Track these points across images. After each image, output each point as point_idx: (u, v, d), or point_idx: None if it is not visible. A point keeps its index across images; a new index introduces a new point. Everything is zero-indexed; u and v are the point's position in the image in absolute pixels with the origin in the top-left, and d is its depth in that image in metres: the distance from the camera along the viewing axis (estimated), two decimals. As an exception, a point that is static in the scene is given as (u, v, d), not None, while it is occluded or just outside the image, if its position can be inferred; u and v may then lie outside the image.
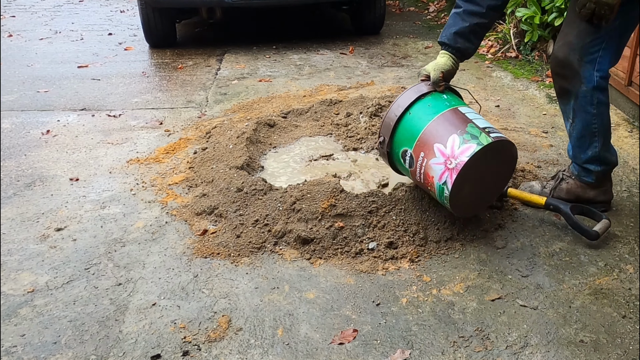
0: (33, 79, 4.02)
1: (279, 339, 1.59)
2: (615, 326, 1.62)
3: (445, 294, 1.76)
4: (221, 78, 4.01)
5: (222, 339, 1.59)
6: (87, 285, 1.81)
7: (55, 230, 2.11)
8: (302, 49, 4.79)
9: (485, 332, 1.60)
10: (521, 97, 3.51)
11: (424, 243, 1.96)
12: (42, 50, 4.87)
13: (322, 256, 1.92)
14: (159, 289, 1.79)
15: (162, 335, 1.60)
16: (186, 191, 2.36)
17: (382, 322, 1.64)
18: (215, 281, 1.82)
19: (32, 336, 1.60)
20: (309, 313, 1.68)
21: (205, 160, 2.55)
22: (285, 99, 3.49)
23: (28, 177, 2.53)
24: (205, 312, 1.69)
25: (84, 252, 1.98)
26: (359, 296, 1.75)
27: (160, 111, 3.36)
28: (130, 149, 2.82)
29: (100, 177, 2.53)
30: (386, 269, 1.87)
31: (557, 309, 1.68)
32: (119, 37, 5.37)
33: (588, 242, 1.98)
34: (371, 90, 3.60)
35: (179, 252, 1.97)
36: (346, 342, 1.57)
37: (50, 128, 3.09)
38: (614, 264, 1.88)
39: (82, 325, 1.64)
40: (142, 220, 2.17)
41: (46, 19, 6.25)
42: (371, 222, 1.99)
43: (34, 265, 1.91)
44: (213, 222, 2.10)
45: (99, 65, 4.38)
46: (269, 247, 1.97)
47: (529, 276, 1.83)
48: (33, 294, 1.77)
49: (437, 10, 6.38)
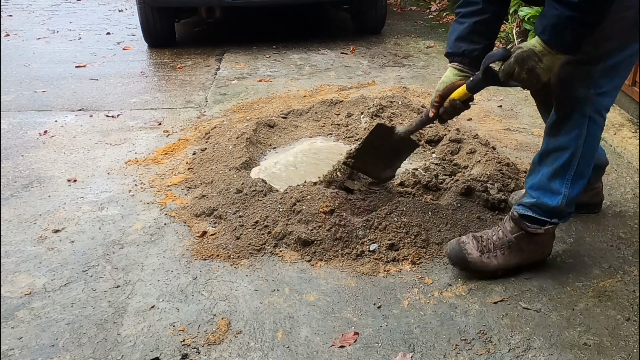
0: (30, 79, 4.00)
1: (279, 341, 1.57)
2: (619, 329, 1.60)
3: (447, 296, 1.74)
4: (221, 78, 4.00)
5: (221, 341, 1.57)
6: (85, 287, 1.79)
7: (52, 231, 2.09)
8: (303, 48, 4.77)
9: (487, 335, 1.58)
10: (524, 97, 3.49)
11: (426, 245, 1.94)
12: (39, 49, 4.85)
13: (323, 258, 1.90)
14: (158, 292, 1.77)
15: (161, 338, 1.58)
16: (185, 192, 2.34)
17: (383, 324, 1.63)
18: (215, 283, 1.80)
19: (30, 339, 1.58)
20: (310, 316, 1.66)
21: (204, 161, 2.53)
22: (286, 99, 3.47)
23: (25, 178, 2.51)
24: (205, 314, 1.67)
25: (81, 254, 1.96)
26: (360, 298, 1.73)
27: (159, 111, 3.34)
28: (129, 149, 2.80)
29: (99, 178, 2.51)
30: (387, 271, 1.85)
31: (561, 312, 1.67)
32: (117, 36, 5.35)
33: (592, 244, 1.97)
34: (372, 90, 3.59)
35: (177, 254, 1.95)
36: (347, 345, 1.55)
37: (47, 128, 3.07)
38: (617, 266, 1.87)
39: (80, 328, 1.62)
40: (140, 222, 2.15)
41: (43, 18, 6.23)
42: (372, 224, 1.98)
43: (31, 268, 1.89)
44: (212, 224, 2.08)
45: (97, 65, 4.36)
46: (269, 249, 1.95)
47: (531, 278, 1.81)
48: (30, 297, 1.75)
49: (439, 10, 6.36)
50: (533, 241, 1.79)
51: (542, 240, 1.81)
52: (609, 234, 2.03)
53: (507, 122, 3.08)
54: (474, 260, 1.78)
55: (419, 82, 3.83)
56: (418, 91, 3.59)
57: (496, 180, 2.22)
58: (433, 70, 4.12)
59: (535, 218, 1.77)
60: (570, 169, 1.71)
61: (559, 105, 1.70)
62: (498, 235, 1.81)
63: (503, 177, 2.25)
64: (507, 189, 2.20)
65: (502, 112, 3.23)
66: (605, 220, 2.12)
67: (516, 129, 2.96)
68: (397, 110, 2.88)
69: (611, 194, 2.30)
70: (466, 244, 1.80)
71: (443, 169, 2.36)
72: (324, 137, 2.79)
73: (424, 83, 3.81)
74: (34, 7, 6.89)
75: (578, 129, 1.67)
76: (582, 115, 1.66)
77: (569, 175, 1.72)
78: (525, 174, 2.38)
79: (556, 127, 1.71)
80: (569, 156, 1.69)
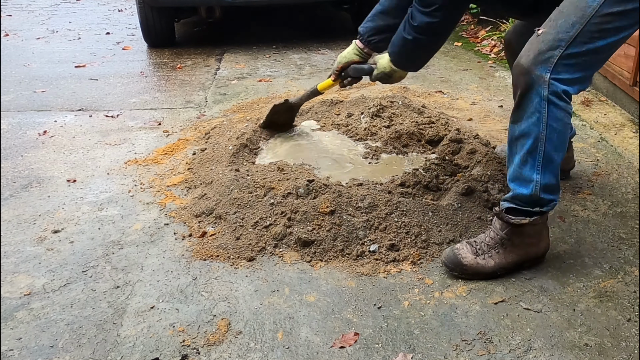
0: (30, 78, 3.99)
1: (279, 342, 1.56)
2: (620, 329, 1.59)
3: (447, 296, 1.73)
4: (220, 78, 3.99)
5: (221, 342, 1.56)
6: (84, 288, 1.79)
7: (52, 232, 2.09)
8: (303, 48, 4.77)
9: (488, 336, 1.58)
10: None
11: (426, 245, 1.94)
12: (38, 49, 4.85)
13: (323, 258, 1.90)
14: (158, 292, 1.76)
15: (161, 339, 1.58)
16: (185, 193, 2.33)
17: (383, 325, 1.62)
18: (215, 284, 1.80)
19: (29, 340, 1.58)
20: (310, 316, 1.66)
21: (204, 161, 2.52)
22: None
23: (25, 178, 2.51)
24: (205, 315, 1.66)
25: (81, 255, 1.95)
26: (360, 299, 1.73)
27: (158, 111, 3.34)
28: (129, 149, 2.79)
29: (98, 178, 2.50)
30: (388, 271, 1.84)
31: (561, 312, 1.66)
32: (116, 36, 5.35)
33: (593, 244, 1.96)
34: (372, 90, 3.58)
35: (177, 254, 1.95)
36: (347, 345, 1.54)
37: (47, 129, 3.06)
38: (618, 267, 1.86)
39: (80, 328, 1.62)
40: (140, 222, 2.14)
41: (43, 18, 6.23)
42: (372, 224, 1.97)
43: (30, 268, 1.89)
44: (212, 224, 2.08)
45: (96, 65, 4.36)
46: (269, 250, 1.94)
47: (532, 279, 1.81)
48: (30, 297, 1.75)
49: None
50: (523, 234, 1.78)
51: (533, 232, 1.79)
52: (610, 235, 2.03)
53: (507, 122, 3.06)
54: (469, 264, 1.78)
55: (419, 82, 3.82)
56: (418, 91, 3.58)
57: (497, 180, 2.22)
58: (433, 70, 4.12)
59: (518, 210, 1.77)
60: (538, 154, 1.70)
61: (516, 87, 1.70)
62: (490, 236, 1.81)
63: (504, 177, 2.24)
64: (507, 189, 2.20)
65: (503, 112, 3.23)
66: (606, 220, 2.12)
67: (516, 129, 2.96)
68: (398, 110, 2.88)
69: (612, 194, 2.29)
70: (460, 250, 1.81)
71: (444, 169, 2.35)
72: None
73: (424, 83, 3.80)
74: (33, 6, 6.89)
75: (538, 113, 1.66)
76: (541, 98, 1.65)
77: (537, 162, 1.70)
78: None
79: (517, 113, 1.71)
80: (533, 141, 1.69)
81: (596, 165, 2.55)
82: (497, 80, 3.85)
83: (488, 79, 3.90)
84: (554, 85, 1.63)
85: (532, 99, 1.66)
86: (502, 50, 4.45)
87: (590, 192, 2.31)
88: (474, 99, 3.45)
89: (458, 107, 3.31)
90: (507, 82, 3.80)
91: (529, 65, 1.64)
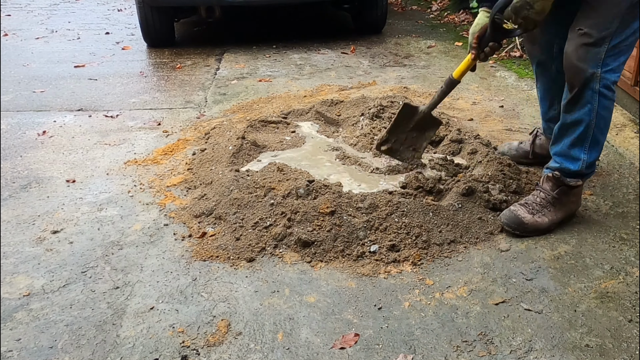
0: (29, 78, 3.98)
1: (279, 343, 1.56)
2: (622, 330, 1.59)
3: (448, 297, 1.73)
4: (220, 78, 3.98)
5: (221, 343, 1.56)
6: (83, 288, 1.78)
7: (51, 232, 2.08)
8: (303, 48, 4.76)
9: (489, 337, 1.57)
10: (525, 97, 3.48)
11: (427, 246, 1.93)
12: (38, 49, 4.84)
13: (323, 259, 1.89)
14: (157, 293, 1.76)
15: (161, 340, 1.57)
16: (185, 193, 2.33)
17: (384, 326, 1.61)
18: (215, 285, 1.79)
19: (28, 341, 1.57)
20: (310, 317, 1.65)
21: (204, 162, 2.52)
22: (286, 99, 3.46)
23: (24, 178, 2.50)
24: (204, 316, 1.66)
25: (80, 255, 1.95)
26: (360, 300, 1.72)
27: (158, 112, 3.33)
28: (128, 150, 2.78)
29: (97, 178, 2.49)
30: (388, 272, 1.84)
31: (562, 313, 1.66)
32: (116, 36, 5.34)
33: (594, 245, 1.96)
34: (373, 90, 3.58)
35: (177, 255, 1.94)
36: (347, 346, 1.54)
37: (46, 129, 3.06)
38: (620, 267, 1.86)
39: (79, 329, 1.61)
40: (139, 223, 2.14)
41: (42, 17, 6.22)
42: (373, 225, 1.97)
43: (29, 269, 1.88)
44: (212, 225, 2.07)
45: (96, 65, 4.35)
46: (269, 250, 1.94)
47: (533, 279, 1.80)
48: (29, 298, 1.74)
49: (440, 9, 6.35)
50: (571, 193, 2.04)
51: (578, 192, 2.07)
52: (611, 235, 2.02)
53: (508, 122, 3.07)
54: (529, 222, 1.99)
55: (420, 82, 3.82)
56: (419, 91, 3.58)
57: (497, 180, 2.21)
58: (434, 70, 4.12)
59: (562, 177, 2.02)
60: (587, 138, 1.96)
61: (572, 85, 1.92)
62: (540, 197, 2.04)
63: (504, 177, 2.24)
64: (508, 189, 2.19)
65: (504, 113, 3.22)
66: (607, 221, 2.11)
67: (517, 129, 2.95)
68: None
69: (613, 195, 2.29)
70: (518, 211, 2.01)
71: (446, 169, 2.35)
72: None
73: (424, 83, 3.80)
74: (32, 6, 6.88)
75: (590, 104, 1.91)
76: (593, 92, 1.89)
77: (586, 144, 1.97)
78: (526, 174, 2.38)
79: (571, 104, 1.95)
80: (584, 128, 1.94)
81: (597, 165, 2.54)
82: (497, 81, 3.85)
83: (489, 79, 3.89)
84: (605, 79, 1.87)
85: (585, 92, 1.89)
86: (503, 50, 4.45)
87: (591, 193, 2.31)
88: (475, 99, 3.45)
89: (459, 107, 3.30)
90: (508, 82, 3.80)
91: (582, 64, 1.86)
